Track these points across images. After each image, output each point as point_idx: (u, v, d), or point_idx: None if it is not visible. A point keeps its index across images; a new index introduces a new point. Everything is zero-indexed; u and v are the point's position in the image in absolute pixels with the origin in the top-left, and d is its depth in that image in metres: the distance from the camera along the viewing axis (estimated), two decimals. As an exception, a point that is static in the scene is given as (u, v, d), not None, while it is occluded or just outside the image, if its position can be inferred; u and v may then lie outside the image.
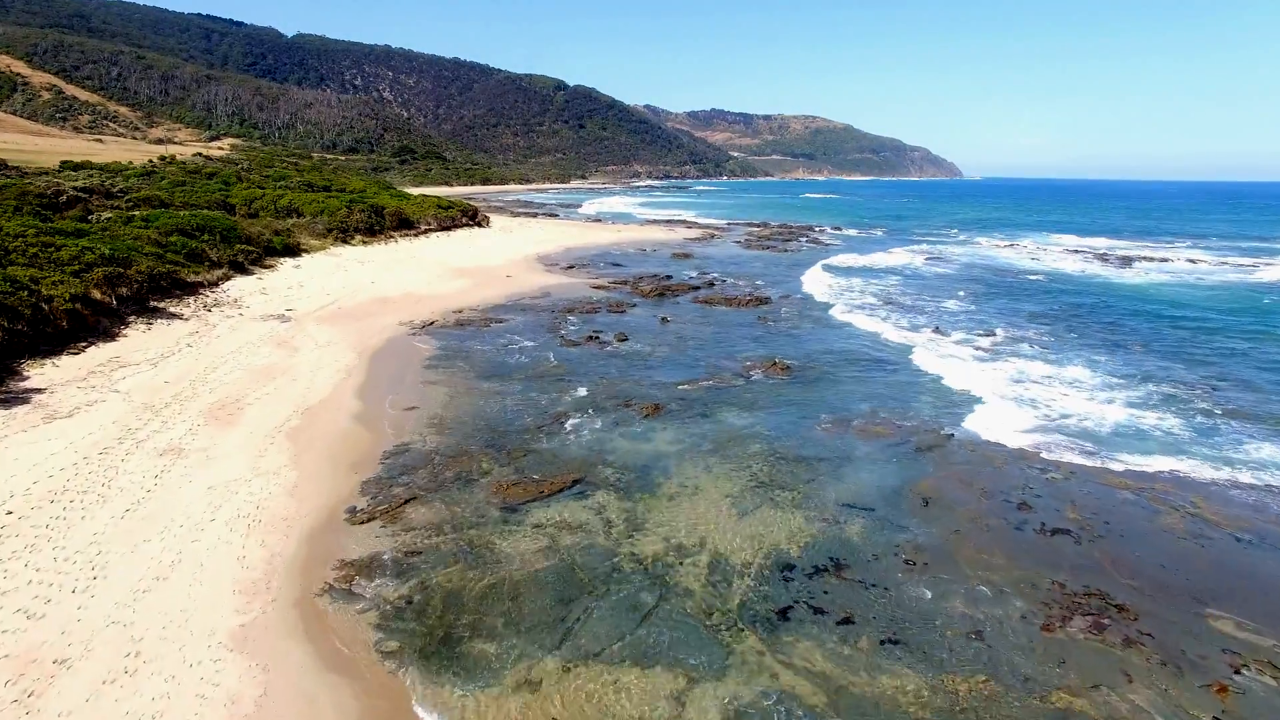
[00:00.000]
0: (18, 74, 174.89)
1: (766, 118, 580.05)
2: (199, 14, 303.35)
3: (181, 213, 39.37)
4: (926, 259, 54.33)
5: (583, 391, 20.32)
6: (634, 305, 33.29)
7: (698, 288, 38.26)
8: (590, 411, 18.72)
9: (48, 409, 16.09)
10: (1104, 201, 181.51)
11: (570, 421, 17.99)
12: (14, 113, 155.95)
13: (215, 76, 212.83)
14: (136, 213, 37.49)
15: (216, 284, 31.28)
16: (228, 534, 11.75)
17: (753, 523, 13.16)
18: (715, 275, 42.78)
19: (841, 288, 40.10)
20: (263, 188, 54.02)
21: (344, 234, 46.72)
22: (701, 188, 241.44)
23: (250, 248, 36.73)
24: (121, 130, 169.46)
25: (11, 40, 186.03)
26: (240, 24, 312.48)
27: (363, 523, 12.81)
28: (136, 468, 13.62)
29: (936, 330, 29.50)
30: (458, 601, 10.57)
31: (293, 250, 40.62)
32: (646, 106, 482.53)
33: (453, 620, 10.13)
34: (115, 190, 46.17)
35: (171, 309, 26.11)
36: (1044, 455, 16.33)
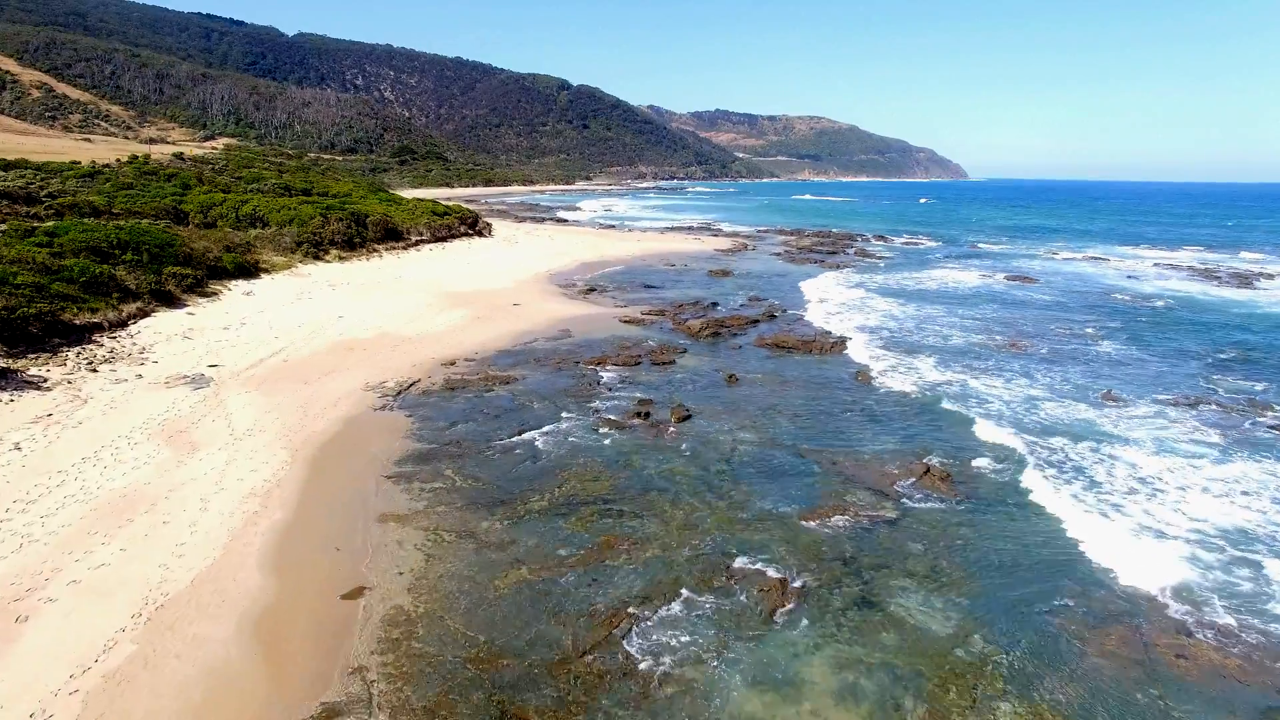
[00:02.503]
0: (7, 72, 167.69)
1: (771, 118, 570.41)
2: (198, 13, 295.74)
3: (108, 224, 31.40)
4: (1007, 278, 46.01)
5: (647, 545, 12.19)
6: (683, 351, 25.18)
7: (756, 321, 30.12)
8: (668, 600, 10.60)
9: None
10: (1131, 204, 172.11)
11: (637, 631, 9.87)
12: (1, 112, 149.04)
13: (211, 75, 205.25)
14: (43, 225, 29.51)
15: (125, 323, 23.26)
16: None
17: None
18: (771, 302, 34.61)
19: (932, 319, 31.91)
20: (227, 191, 46.01)
21: (316, 247, 38.67)
22: (710, 189, 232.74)
23: (187, 270, 28.72)
24: (113, 130, 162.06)
25: (1, 38, 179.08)
26: (240, 23, 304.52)
27: None
28: None
29: (1109, 396, 21.30)
30: None
31: (248, 270, 32.58)
32: (651, 107, 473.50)
33: None
34: (41, 195, 38.28)
35: (32, 370, 18.06)
36: None
